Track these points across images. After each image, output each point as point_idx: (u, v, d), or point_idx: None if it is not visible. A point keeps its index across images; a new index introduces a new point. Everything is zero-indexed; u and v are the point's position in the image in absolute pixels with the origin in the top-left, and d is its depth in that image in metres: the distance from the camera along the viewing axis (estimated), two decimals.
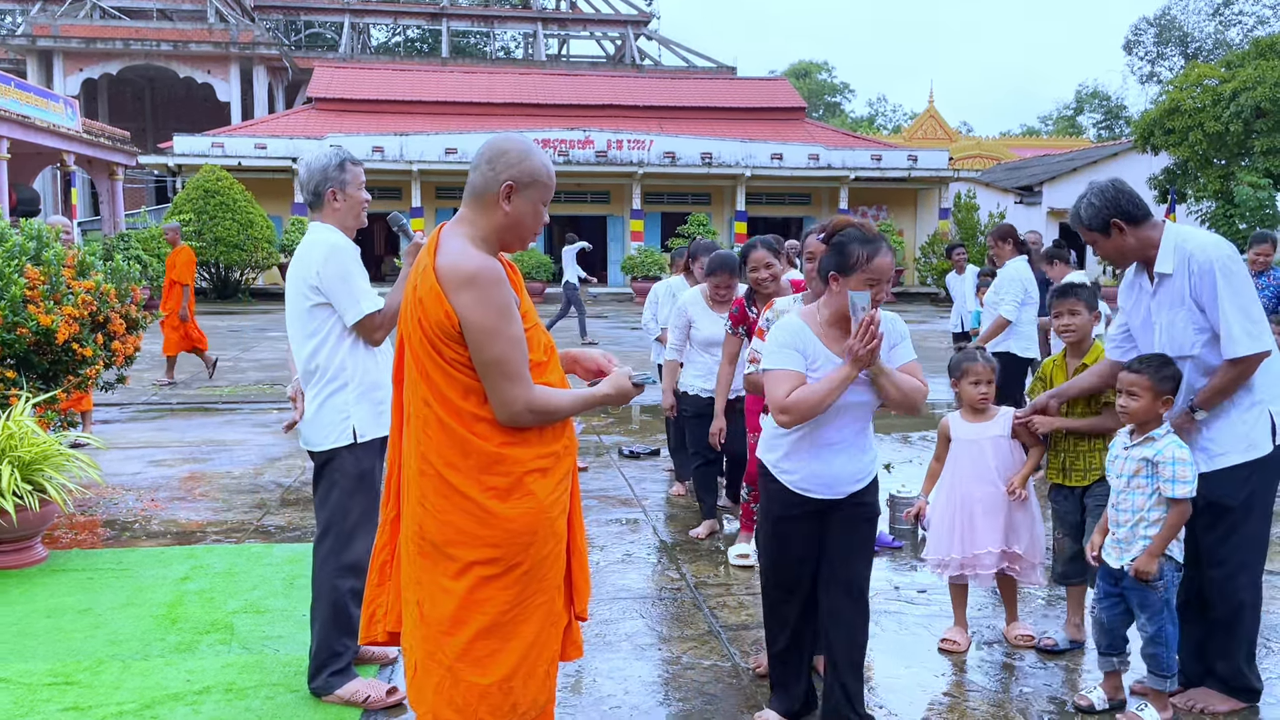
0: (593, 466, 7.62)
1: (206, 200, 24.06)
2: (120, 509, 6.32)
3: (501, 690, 2.52)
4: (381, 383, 3.60)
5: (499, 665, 2.52)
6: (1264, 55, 27.61)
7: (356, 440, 3.58)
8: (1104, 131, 58.61)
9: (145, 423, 9.46)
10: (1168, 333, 3.59)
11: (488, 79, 36.86)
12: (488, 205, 2.55)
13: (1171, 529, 3.43)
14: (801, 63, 66.90)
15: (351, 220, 3.67)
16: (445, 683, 2.53)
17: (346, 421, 3.57)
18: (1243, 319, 3.42)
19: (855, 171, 30.73)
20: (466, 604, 2.51)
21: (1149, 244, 3.60)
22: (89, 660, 3.99)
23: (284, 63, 39.47)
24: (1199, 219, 26.82)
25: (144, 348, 7.67)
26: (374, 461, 3.66)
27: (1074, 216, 3.72)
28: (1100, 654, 3.68)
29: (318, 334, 3.55)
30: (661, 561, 5.38)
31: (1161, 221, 3.64)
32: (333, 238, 3.56)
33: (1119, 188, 3.61)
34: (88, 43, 36.26)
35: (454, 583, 2.52)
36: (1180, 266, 3.52)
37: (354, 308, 3.50)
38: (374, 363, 3.62)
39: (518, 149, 2.56)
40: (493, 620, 2.52)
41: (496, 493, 2.49)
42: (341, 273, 3.49)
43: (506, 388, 2.46)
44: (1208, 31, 46.71)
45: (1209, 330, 3.50)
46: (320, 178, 3.62)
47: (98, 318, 6.47)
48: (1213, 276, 3.45)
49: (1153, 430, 3.48)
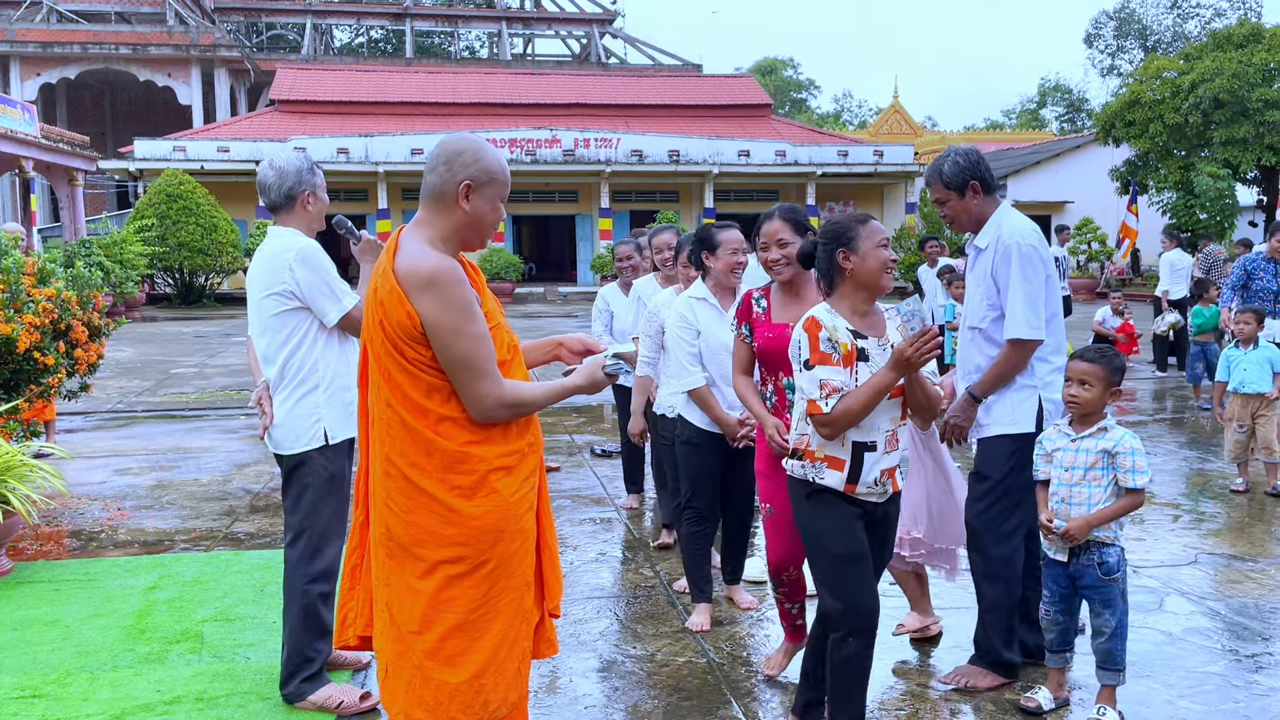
0: (565, 466, 7.61)
1: (169, 205, 23.79)
2: (86, 519, 6.24)
3: (472, 688, 2.53)
4: (351, 384, 3.59)
5: (469, 663, 2.53)
6: (1221, 47, 28.02)
7: (328, 442, 3.58)
8: (1066, 124, 59.20)
9: (110, 431, 9.35)
10: (971, 302, 3.85)
11: (453, 79, 36.68)
12: (447, 205, 2.57)
13: (1121, 511, 3.45)
14: (767, 60, 67.10)
15: (317, 224, 3.71)
16: (416, 682, 2.53)
17: (318, 424, 3.56)
18: (1026, 306, 3.64)
19: (822, 167, 30.89)
20: (435, 603, 2.52)
21: (984, 217, 3.82)
22: (56, 672, 3.94)
23: (246, 65, 39.06)
24: (1160, 209, 27.19)
25: (108, 355, 7.57)
26: (343, 463, 3.65)
27: (934, 172, 3.86)
28: (1052, 652, 3.65)
29: (291, 338, 3.54)
30: (635, 560, 5.38)
31: (1001, 200, 3.89)
32: (302, 241, 3.55)
33: (980, 155, 3.84)
34: (45, 47, 35.71)
35: (421, 582, 2.53)
36: (991, 244, 3.76)
37: (335, 307, 3.50)
38: (345, 364, 3.61)
39: (472, 148, 2.58)
40: (461, 619, 2.52)
41: (461, 491, 2.50)
42: (319, 275, 3.50)
43: (476, 384, 2.47)
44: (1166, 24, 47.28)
45: (999, 309, 3.72)
46: (294, 180, 3.60)
47: (59, 325, 6.38)
48: (1009, 260, 3.67)
49: (1100, 421, 3.49)
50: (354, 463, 3.73)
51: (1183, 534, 5.75)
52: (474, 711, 2.53)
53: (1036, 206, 32.16)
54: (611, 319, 6.24)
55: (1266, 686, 3.76)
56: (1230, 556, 5.33)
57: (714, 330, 4.25)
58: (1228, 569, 5.13)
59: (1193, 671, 3.91)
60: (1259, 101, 25.72)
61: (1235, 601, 4.66)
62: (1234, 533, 5.78)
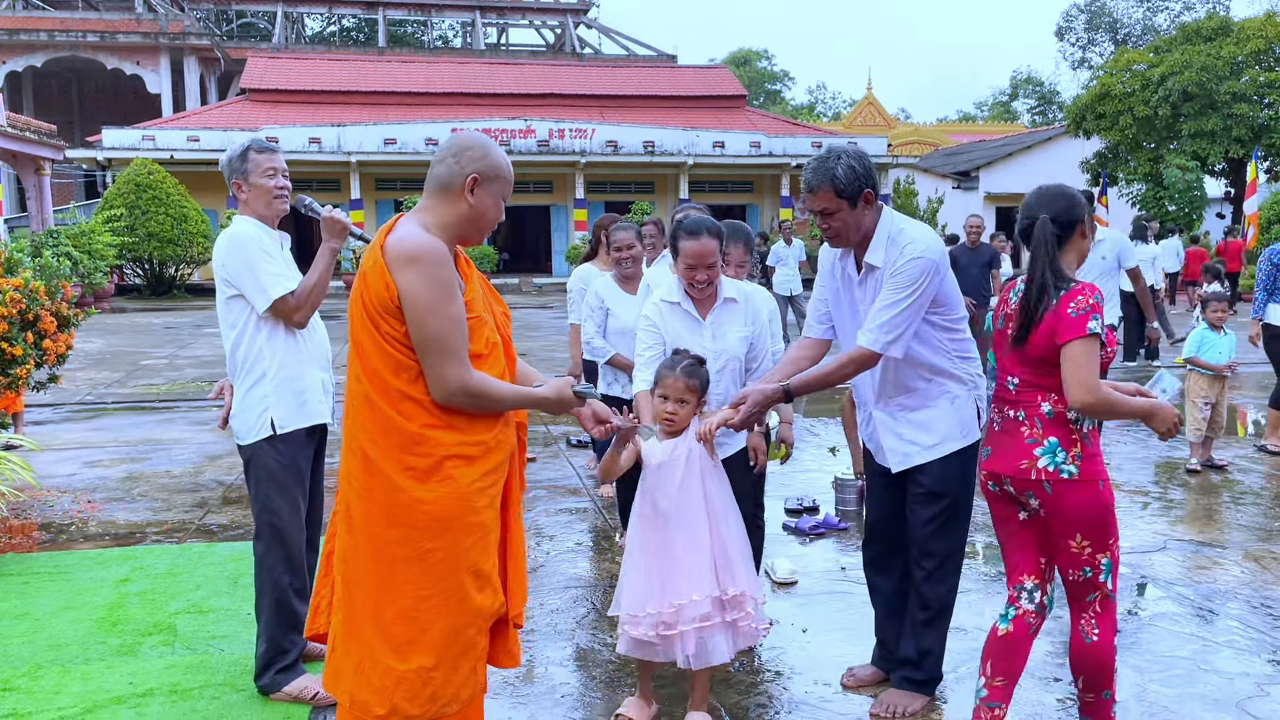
0: (541, 456, 7.60)
1: (138, 194, 23.48)
2: (56, 511, 6.17)
3: (420, 678, 2.52)
4: (303, 373, 3.57)
5: (417, 654, 2.52)
6: (1190, 40, 28.32)
7: (276, 432, 3.53)
8: (1038, 117, 59.64)
9: (80, 423, 9.24)
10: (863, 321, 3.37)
11: (426, 68, 36.43)
12: (451, 196, 2.61)
13: None
14: (741, 51, 67.11)
15: (263, 209, 3.61)
16: (365, 664, 2.54)
17: (265, 414, 3.53)
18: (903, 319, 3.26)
19: (796, 159, 30.91)
20: (383, 585, 2.53)
21: (870, 230, 3.36)
22: (27, 665, 3.90)
23: (216, 53, 38.62)
24: (1130, 201, 27.46)
25: (77, 346, 7.48)
26: (298, 454, 3.60)
27: (824, 177, 3.27)
28: None
29: (235, 325, 3.55)
30: (611, 550, 5.38)
31: (884, 206, 3.40)
32: (236, 228, 3.54)
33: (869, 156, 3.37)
34: (10, 34, 35.14)
35: (373, 563, 2.54)
36: (887, 263, 3.31)
37: (261, 295, 3.47)
38: (294, 353, 3.56)
39: (480, 144, 2.65)
40: (409, 605, 2.52)
41: (415, 474, 2.51)
42: (245, 262, 3.47)
43: (442, 365, 2.49)
44: (1136, 17, 47.73)
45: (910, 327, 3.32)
46: (226, 171, 3.63)
47: (27, 316, 6.30)
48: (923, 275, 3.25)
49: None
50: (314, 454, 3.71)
51: (1152, 520, 5.82)
52: (420, 703, 2.52)
53: (1007, 198, 32.43)
54: (608, 317, 5.12)
55: (1234, 671, 3.82)
56: (1199, 543, 5.41)
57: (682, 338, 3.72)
58: (1196, 555, 5.20)
59: (1162, 656, 3.97)
60: (1227, 94, 26.03)
61: (1204, 588, 4.72)
62: (1202, 519, 5.86)
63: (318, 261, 3.59)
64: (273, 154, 3.64)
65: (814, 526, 5.65)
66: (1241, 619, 4.33)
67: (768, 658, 3.97)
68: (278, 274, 3.50)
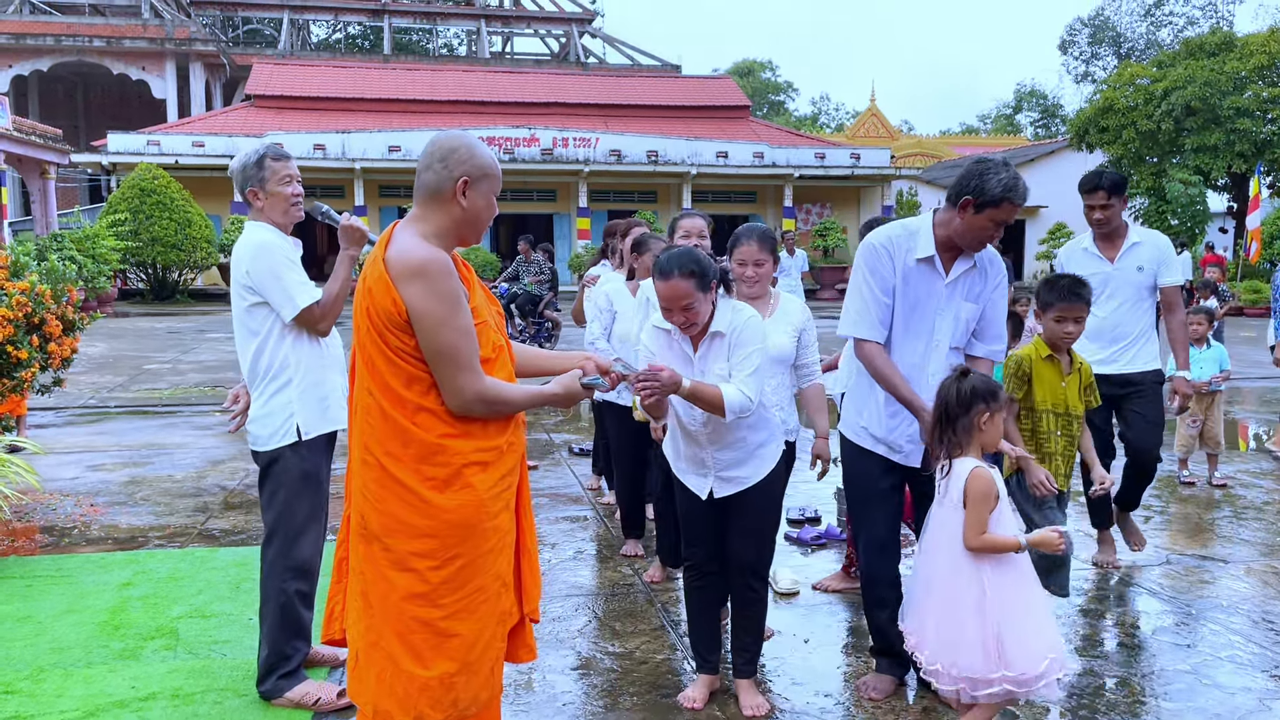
0: (542, 465, 7.61)
1: (143, 199, 23.51)
2: (59, 514, 6.18)
3: (443, 684, 2.53)
4: (326, 379, 3.58)
5: (440, 659, 2.53)
6: (1194, 55, 28.38)
7: (301, 438, 3.54)
8: (1041, 130, 59.71)
9: (83, 426, 9.25)
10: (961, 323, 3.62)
11: (431, 76, 36.52)
12: (444, 202, 2.59)
13: None
14: (745, 61, 67.21)
15: (280, 217, 3.61)
16: (387, 673, 2.54)
17: (291, 420, 3.53)
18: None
19: (799, 170, 30.99)
20: (406, 595, 2.53)
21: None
22: (29, 669, 3.90)
23: (221, 59, 38.73)
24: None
25: (81, 350, 7.50)
26: (320, 460, 3.62)
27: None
28: None
29: (259, 333, 3.53)
30: (613, 558, 5.39)
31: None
32: (259, 236, 3.52)
33: None
34: (17, 38, 35.25)
35: (394, 573, 2.54)
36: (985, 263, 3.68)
37: (289, 304, 3.47)
38: (318, 359, 3.58)
39: (465, 144, 2.61)
40: (433, 613, 2.53)
41: (434, 483, 2.52)
42: (271, 270, 3.46)
43: (457, 376, 2.49)
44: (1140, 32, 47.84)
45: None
46: (240, 179, 3.60)
47: (33, 319, 6.32)
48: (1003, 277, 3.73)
49: None
50: (331, 459, 3.74)
51: (1153, 535, 5.82)
52: (443, 709, 2.53)
53: None
54: (614, 320, 5.25)
55: (1236, 686, 3.82)
56: (1201, 557, 5.40)
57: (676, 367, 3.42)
58: (1198, 569, 5.20)
59: (1163, 670, 3.97)
60: (1230, 109, 26.08)
61: (1206, 602, 4.72)
62: (1204, 533, 5.86)
63: (338, 270, 3.60)
64: (288, 161, 3.64)
65: (816, 537, 5.65)
66: (1243, 634, 4.33)
67: (770, 668, 3.98)
68: (303, 283, 3.50)
